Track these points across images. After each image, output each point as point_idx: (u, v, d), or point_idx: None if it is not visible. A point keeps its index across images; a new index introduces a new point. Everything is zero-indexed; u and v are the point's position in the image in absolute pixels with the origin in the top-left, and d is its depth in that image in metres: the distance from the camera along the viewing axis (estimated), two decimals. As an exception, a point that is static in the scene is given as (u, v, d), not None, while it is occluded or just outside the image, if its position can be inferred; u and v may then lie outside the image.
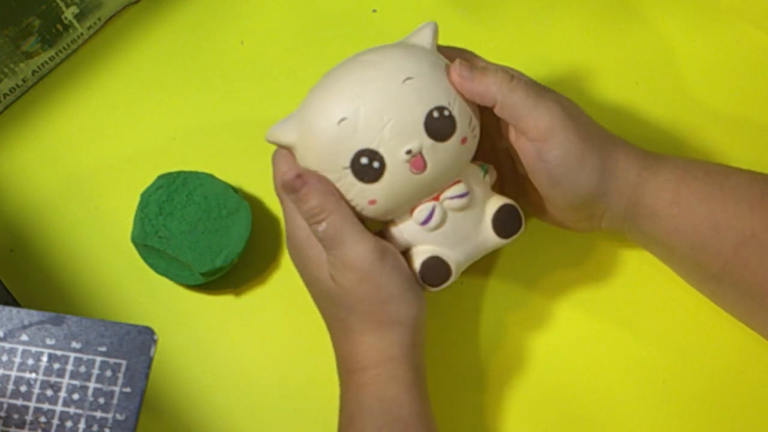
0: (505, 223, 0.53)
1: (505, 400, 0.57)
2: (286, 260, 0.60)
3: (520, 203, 0.53)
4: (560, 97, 0.52)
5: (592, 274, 0.59)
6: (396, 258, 0.51)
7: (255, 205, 0.61)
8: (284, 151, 0.52)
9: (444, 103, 0.50)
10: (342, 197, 0.50)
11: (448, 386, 0.57)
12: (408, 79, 0.49)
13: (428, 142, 0.49)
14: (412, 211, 0.52)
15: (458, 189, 0.51)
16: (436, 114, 0.49)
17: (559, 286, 0.59)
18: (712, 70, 0.64)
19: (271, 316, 0.59)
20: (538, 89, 0.51)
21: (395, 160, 0.49)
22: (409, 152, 0.49)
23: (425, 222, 0.51)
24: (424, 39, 0.52)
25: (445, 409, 0.57)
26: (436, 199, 0.51)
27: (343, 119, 0.49)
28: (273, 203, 0.61)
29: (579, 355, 0.58)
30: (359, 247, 0.49)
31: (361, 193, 0.50)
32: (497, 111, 0.51)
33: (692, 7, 0.66)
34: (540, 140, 0.51)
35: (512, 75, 0.51)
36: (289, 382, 0.58)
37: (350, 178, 0.50)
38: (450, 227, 0.52)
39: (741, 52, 0.64)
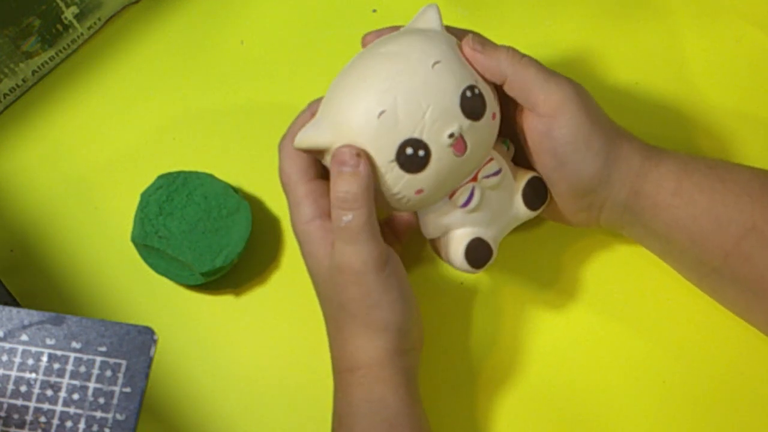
0: (535, 195, 0.54)
1: (502, 398, 0.57)
2: (286, 260, 0.60)
3: None
4: (571, 80, 0.53)
5: (591, 272, 0.59)
6: (395, 267, 0.51)
7: (255, 205, 0.61)
8: (291, 140, 0.52)
9: (472, 82, 0.50)
10: (379, 193, 0.50)
11: (445, 385, 0.57)
12: (436, 63, 0.49)
13: (466, 122, 0.49)
14: (451, 195, 0.52)
15: (492, 167, 0.52)
16: (468, 93, 0.49)
17: (557, 284, 0.59)
18: (713, 70, 0.64)
19: (271, 316, 0.59)
20: (549, 70, 0.52)
21: (439, 145, 0.49)
22: (451, 135, 0.49)
23: (466, 204, 0.51)
24: (432, 22, 0.52)
25: (443, 408, 0.57)
26: (474, 179, 0.51)
27: (382, 112, 0.48)
28: (273, 203, 0.61)
29: (577, 354, 0.58)
30: (365, 252, 0.49)
31: (408, 185, 0.50)
32: (507, 87, 0.51)
33: (692, 7, 0.66)
34: (549, 116, 0.51)
35: (523, 54, 0.51)
36: (289, 382, 0.58)
37: (397, 171, 0.49)
38: (487, 206, 0.52)
39: (741, 51, 0.64)
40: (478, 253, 0.52)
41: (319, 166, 0.53)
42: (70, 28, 0.63)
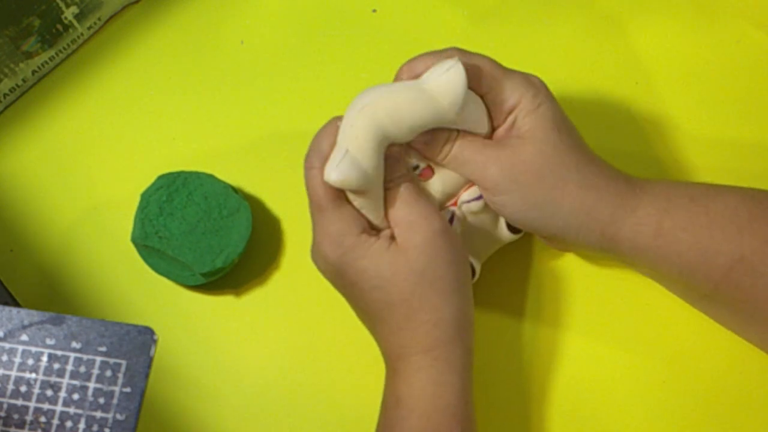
0: None
1: (501, 399, 0.57)
2: (286, 261, 0.60)
3: None
4: (521, 140, 0.52)
5: (589, 276, 0.59)
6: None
7: (255, 205, 0.61)
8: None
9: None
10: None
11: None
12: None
13: None
14: None
15: (473, 192, 0.53)
16: None
17: (555, 291, 0.59)
18: (712, 70, 0.64)
19: (271, 317, 0.59)
20: (493, 147, 0.52)
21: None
22: (416, 168, 0.53)
23: None
24: (455, 101, 0.50)
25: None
26: (454, 204, 0.53)
27: None
28: (273, 203, 0.61)
29: (577, 357, 0.58)
30: (433, 210, 0.51)
31: None
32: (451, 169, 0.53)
33: (692, 7, 0.66)
34: (488, 192, 0.52)
35: (458, 144, 0.52)
36: (289, 382, 0.58)
37: None
38: (469, 229, 0.54)
39: (741, 52, 0.64)
40: None
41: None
42: (70, 28, 0.63)
